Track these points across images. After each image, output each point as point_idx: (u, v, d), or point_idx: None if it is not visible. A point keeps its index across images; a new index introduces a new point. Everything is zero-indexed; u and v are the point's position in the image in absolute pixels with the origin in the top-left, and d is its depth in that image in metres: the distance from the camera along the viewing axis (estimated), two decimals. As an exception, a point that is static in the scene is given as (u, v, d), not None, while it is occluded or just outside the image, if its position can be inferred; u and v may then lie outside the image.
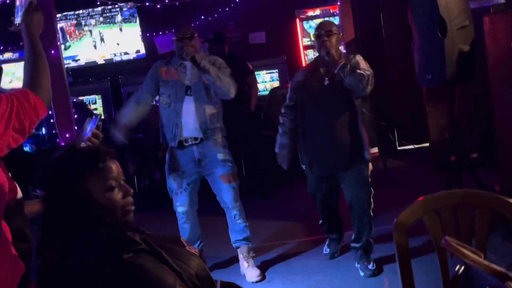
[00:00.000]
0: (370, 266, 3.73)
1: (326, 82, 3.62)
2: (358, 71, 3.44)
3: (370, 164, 3.71)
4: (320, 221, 4.08)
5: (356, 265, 3.80)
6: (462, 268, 1.18)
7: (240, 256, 3.99)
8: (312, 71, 3.73)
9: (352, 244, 3.84)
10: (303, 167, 3.87)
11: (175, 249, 1.69)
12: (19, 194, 1.90)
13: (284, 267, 4.02)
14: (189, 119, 3.83)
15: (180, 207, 3.95)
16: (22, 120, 1.80)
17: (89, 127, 2.09)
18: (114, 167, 1.65)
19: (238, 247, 4.00)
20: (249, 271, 3.90)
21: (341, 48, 3.82)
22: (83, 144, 2.02)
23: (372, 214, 3.73)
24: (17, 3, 2.09)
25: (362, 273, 3.73)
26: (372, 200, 3.72)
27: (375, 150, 3.71)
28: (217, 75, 3.71)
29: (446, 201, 1.94)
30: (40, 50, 2.01)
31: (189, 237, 3.97)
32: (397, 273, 1.98)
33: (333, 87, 3.59)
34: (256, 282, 3.83)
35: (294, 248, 4.38)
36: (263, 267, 4.06)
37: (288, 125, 3.86)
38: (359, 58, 3.63)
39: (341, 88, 3.54)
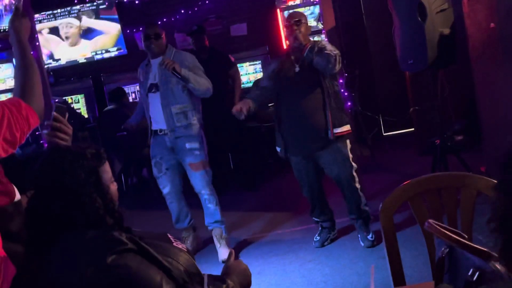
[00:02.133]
0: (369, 237, 3.94)
1: (297, 69, 3.84)
2: (326, 51, 3.67)
3: (347, 141, 3.87)
4: (310, 210, 4.13)
5: (358, 235, 4.02)
6: (447, 250, 1.18)
7: (214, 238, 4.23)
8: (285, 60, 3.95)
9: (350, 217, 4.05)
10: (278, 149, 4.03)
11: (163, 246, 1.68)
12: (17, 196, 1.86)
13: (275, 257, 4.04)
14: (157, 115, 4.15)
15: (164, 188, 4.25)
16: (13, 131, 1.75)
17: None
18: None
19: (211, 230, 4.24)
20: (220, 251, 4.15)
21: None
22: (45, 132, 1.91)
23: (358, 186, 3.91)
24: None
25: (362, 244, 3.95)
26: (355, 174, 3.89)
27: (345, 128, 3.85)
28: (195, 81, 4.02)
29: (431, 184, 1.95)
30: (30, 56, 1.96)
31: (177, 214, 4.28)
32: (385, 258, 1.99)
33: (304, 73, 3.82)
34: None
35: (284, 238, 4.39)
36: (254, 259, 4.07)
37: (253, 95, 4.01)
38: (324, 42, 3.91)
39: (310, 73, 3.79)
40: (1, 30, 2.04)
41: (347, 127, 3.85)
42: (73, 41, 7.42)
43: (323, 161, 3.89)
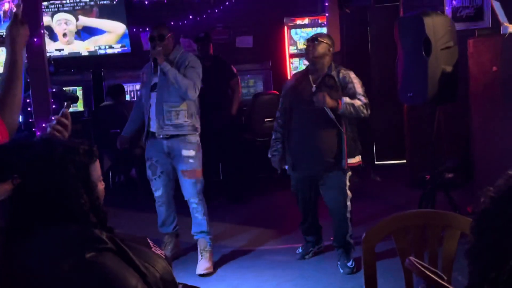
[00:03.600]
0: (349, 264, 3.92)
1: (314, 89, 3.79)
2: (357, 103, 3.67)
3: (349, 171, 3.86)
4: (301, 221, 4.20)
5: (338, 262, 3.99)
6: (425, 289, 1.18)
7: (198, 248, 4.17)
8: (302, 77, 3.94)
9: (333, 244, 4.04)
10: (286, 167, 4.03)
11: (142, 250, 1.67)
12: None
13: (253, 273, 4.01)
14: (152, 114, 4.12)
15: (156, 191, 4.21)
16: None
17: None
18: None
19: (197, 240, 4.19)
20: (200, 264, 4.08)
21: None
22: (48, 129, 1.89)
23: (349, 216, 3.91)
24: None
25: (341, 271, 3.93)
26: (348, 203, 3.89)
27: (357, 159, 3.86)
28: (174, 77, 3.95)
29: (416, 220, 1.95)
30: (20, 69, 1.90)
31: (164, 218, 4.24)
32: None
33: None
34: (203, 275, 4.00)
35: (265, 255, 4.35)
36: (232, 272, 4.04)
37: (280, 131, 4.03)
38: (353, 77, 3.80)
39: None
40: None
41: (358, 158, 3.87)
42: (70, 40, 7.43)
43: (322, 185, 3.90)
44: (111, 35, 7.43)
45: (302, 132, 3.85)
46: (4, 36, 2.01)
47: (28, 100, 4.57)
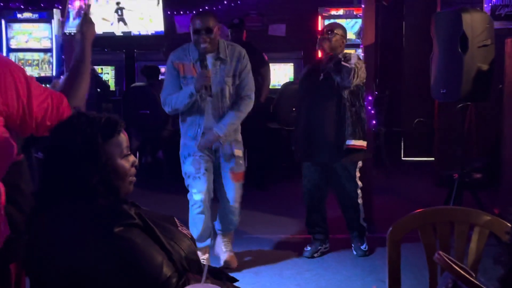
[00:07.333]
0: (362, 247, 4.07)
1: (321, 77, 3.89)
2: (343, 63, 3.71)
3: (359, 161, 3.95)
4: (305, 218, 4.17)
5: (352, 245, 4.11)
6: (450, 285, 1.17)
7: (221, 242, 3.87)
8: (314, 67, 4.06)
9: (347, 228, 4.12)
10: (295, 155, 4.13)
11: (168, 228, 1.69)
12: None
13: (273, 261, 4.02)
14: (208, 117, 3.63)
15: (198, 194, 3.57)
16: (45, 120, 1.83)
17: None
18: (125, 137, 1.68)
19: (221, 233, 3.89)
20: (228, 257, 3.82)
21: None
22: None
23: (360, 201, 3.99)
24: (69, 7, 2.14)
25: (355, 253, 4.08)
26: (359, 191, 3.97)
27: (360, 143, 3.85)
28: (234, 124, 3.68)
29: (445, 216, 1.92)
30: (88, 64, 2.06)
31: (201, 231, 3.64)
32: (384, 282, 1.97)
33: (326, 82, 3.86)
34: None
35: (286, 244, 4.37)
36: (252, 258, 4.06)
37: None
38: (353, 55, 3.90)
39: (332, 83, 3.82)
40: (67, 34, 2.18)
41: (360, 142, 3.84)
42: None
43: (332, 173, 3.98)
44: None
45: (308, 121, 3.93)
46: (73, 33, 2.18)
47: (62, 77, 4.64)
